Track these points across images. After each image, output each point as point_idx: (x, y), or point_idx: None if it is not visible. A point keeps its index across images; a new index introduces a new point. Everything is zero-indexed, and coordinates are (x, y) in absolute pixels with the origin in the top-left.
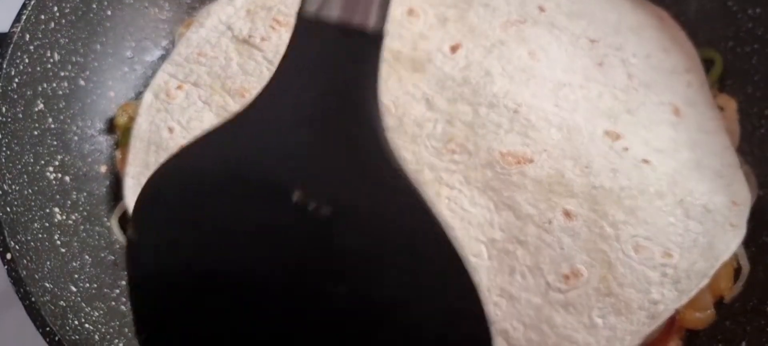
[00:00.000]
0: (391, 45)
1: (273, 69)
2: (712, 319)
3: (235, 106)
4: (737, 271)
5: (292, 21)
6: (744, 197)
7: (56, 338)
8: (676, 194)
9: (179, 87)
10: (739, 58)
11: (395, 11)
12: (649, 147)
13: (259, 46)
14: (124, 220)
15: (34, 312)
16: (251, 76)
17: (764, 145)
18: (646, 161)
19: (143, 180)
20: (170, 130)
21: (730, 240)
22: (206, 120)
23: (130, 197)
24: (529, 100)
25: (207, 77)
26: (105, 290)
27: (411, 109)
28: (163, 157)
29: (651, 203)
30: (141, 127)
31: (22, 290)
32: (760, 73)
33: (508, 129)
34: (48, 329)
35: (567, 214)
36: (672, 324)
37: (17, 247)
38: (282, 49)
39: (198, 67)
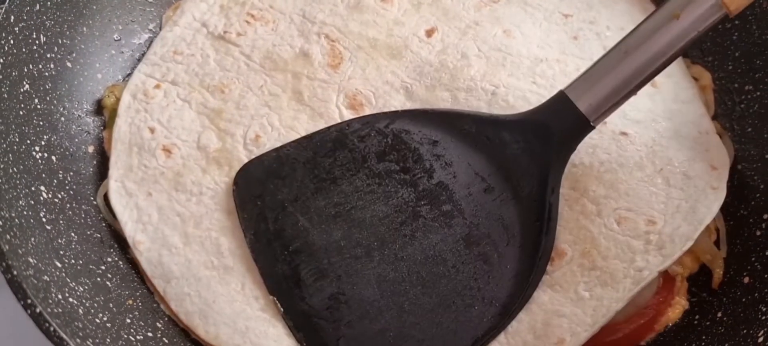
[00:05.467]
0: (366, 33)
1: (251, 63)
2: None
3: (214, 102)
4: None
5: (267, 15)
6: (722, 161)
7: (37, 311)
8: (655, 164)
9: (157, 86)
10: (721, 35)
11: None
12: (627, 119)
13: (235, 42)
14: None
15: (15, 285)
16: (229, 71)
17: (744, 121)
18: (624, 133)
19: (128, 184)
20: (151, 130)
21: (712, 203)
22: (186, 118)
23: (116, 200)
24: (507, 81)
25: (185, 75)
26: (91, 266)
27: (391, 100)
28: (145, 158)
29: (631, 175)
30: (121, 129)
31: (4, 264)
32: (740, 50)
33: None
34: (29, 301)
35: None
36: (673, 284)
37: (0, 222)
38: (258, 44)
39: (175, 66)
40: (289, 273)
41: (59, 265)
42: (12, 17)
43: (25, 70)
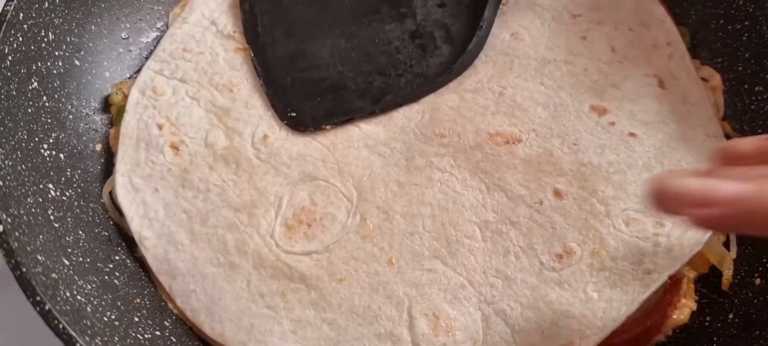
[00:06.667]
0: None
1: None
2: None
3: (223, 100)
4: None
5: None
6: None
7: (46, 308)
8: (664, 165)
9: (166, 83)
10: (731, 36)
11: None
12: (635, 120)
13: (244, 42)
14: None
15: (24, 283)
16: (238, 71)
17: (755, 122)
18: (632, 135)
19: (135, 179)
20: (159, 127)
21: None
22: (195, 115)
23: (122, 195)
24: (514, 82)
25: (194, 73)
26: (99, 264)
27: None
28: (153, 155)
29: (640, 176)
30: (129, 124)
31: (13, 261)
32: (750, 51)
33: (494, 111)
34: (38, 298)
35: (557, 193)
36: (679, 286)
37: (9, 220)
38: None
39: (184, 63)
40: (265, 32)
41: (67, 263)
42: (21, 14)
43: (34, 67)
